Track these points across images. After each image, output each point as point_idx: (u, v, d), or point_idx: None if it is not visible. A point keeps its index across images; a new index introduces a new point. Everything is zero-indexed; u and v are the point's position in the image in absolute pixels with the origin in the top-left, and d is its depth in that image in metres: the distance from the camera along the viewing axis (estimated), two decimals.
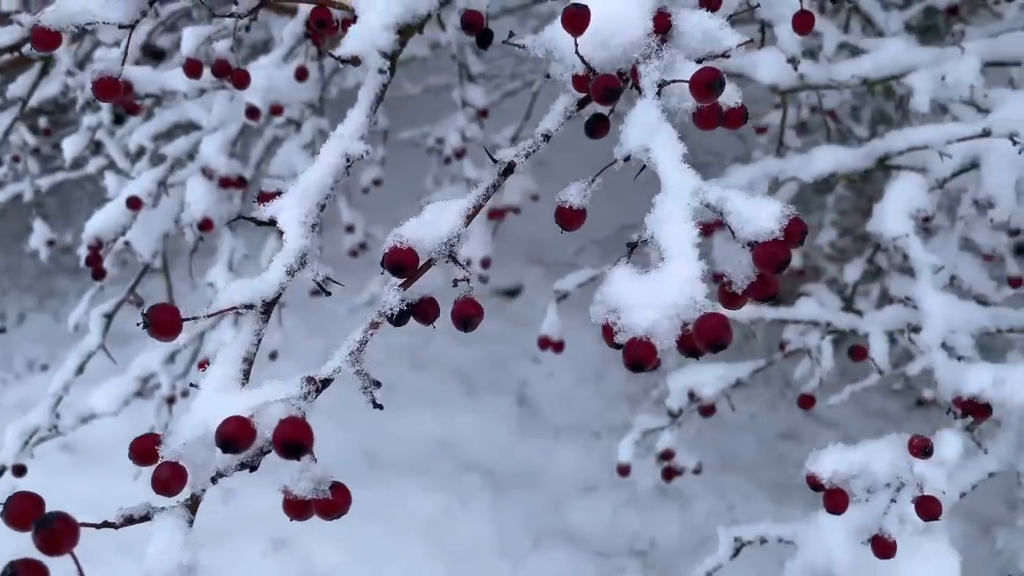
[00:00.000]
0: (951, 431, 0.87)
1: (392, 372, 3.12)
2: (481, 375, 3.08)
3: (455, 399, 3.01)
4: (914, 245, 1.04)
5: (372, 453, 2.86)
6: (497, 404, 2.99)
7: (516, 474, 2.78)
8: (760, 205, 0.56)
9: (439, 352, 3.11)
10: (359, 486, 2.82)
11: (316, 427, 2.53)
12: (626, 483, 2.91)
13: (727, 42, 0.68)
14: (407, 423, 2.93)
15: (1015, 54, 1.12)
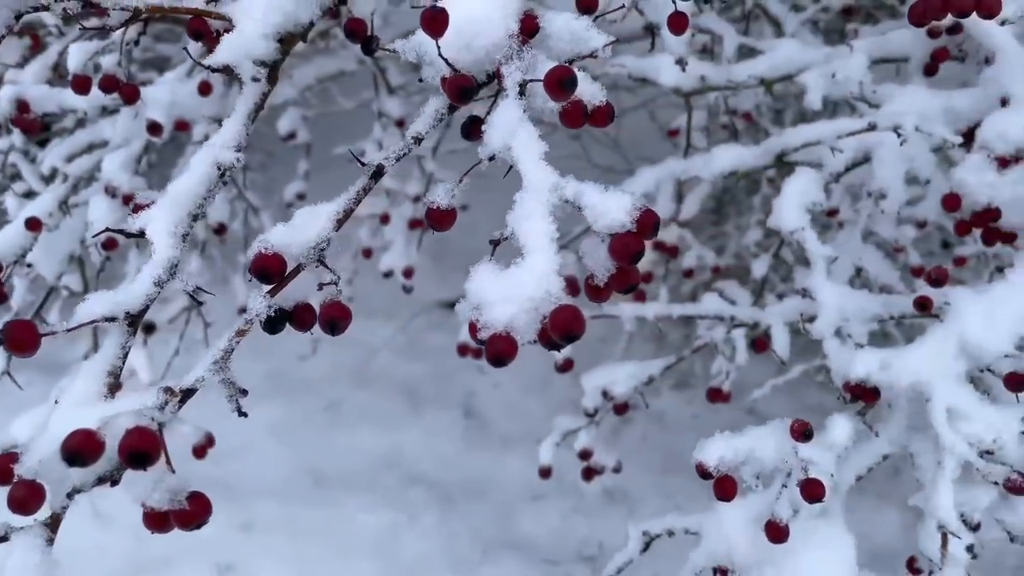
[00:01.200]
0: (841, 415, 0.89)
1: (336, 389, 3.09)
2: (426, 388, 3.06)
3: (400, 414, 2.99)
4: (810, 238, 1.07)
5: (317, 471, 2.83)
6: (443, 417, 2.98)
7: (464, 486, 2.77)
8: (612, 198, 0.58)
9: (384, 367, 3.09)
10: (305, 505, 2.78)
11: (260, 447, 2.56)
12: (574, 489, 2.92)
13: (594, 42, 0.69)
14: (352, 440, 2.91)
15: (901, 51, 1.16)
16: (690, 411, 2.94)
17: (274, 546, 2.65)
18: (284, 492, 2.80)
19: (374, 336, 3.07)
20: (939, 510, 0.83)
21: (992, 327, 0.92)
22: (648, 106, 2.66)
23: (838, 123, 1.09)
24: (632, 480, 2.84)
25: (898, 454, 0.94)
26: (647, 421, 3.05)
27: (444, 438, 2.90)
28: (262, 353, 3.21)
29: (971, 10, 0.72)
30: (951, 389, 0.88)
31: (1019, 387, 0.89)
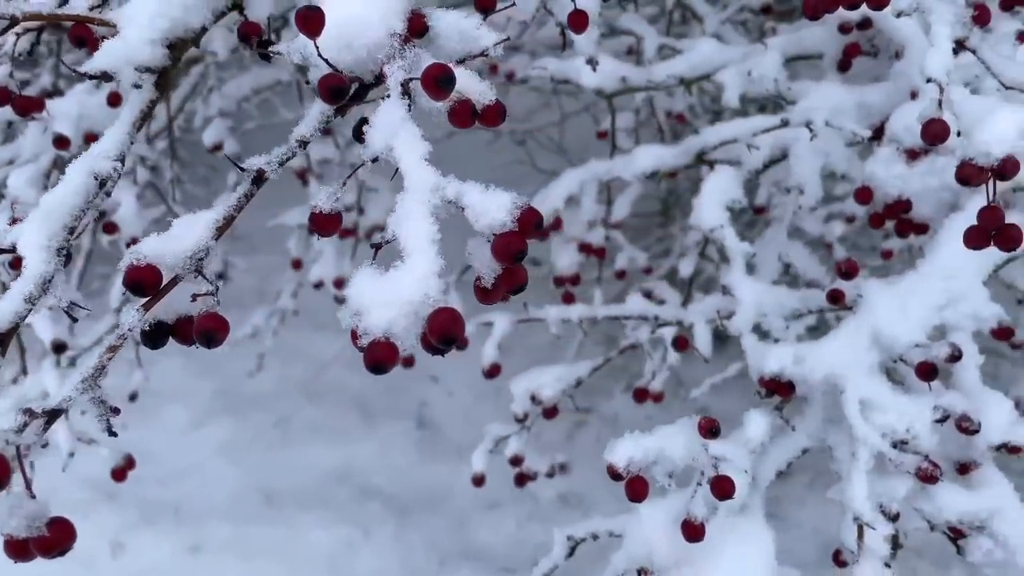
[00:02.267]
0: (757, 411, 0.89)
1: (286, 405, 3.04)
2: (378, 400, 3.03)
3: (352, 427, 2.95)
4: (729, 235, 1.07)
5: (269, 489, 2.77)
6: (396, 428, 2.94)
7: (418, 498, 2.74)
8: (492, 198, 0.57)
9: (334, 381, 3.04)
10: (256, 525, 2.71)
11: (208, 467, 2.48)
12: (529, 496, 2.91)
13: (484, 41, 0.68)
14: (304, 456, 2.86)
15: (815, 48, 1.18)
16: (643, 413, 2.94)
17: (225, 568, 2.59)
18: (234, 512, 2.74)
19: (324, 349, 3.02)
20: (854, 501, 0.83)
21: (903, 318, 0.93)
22: (591, 110, 2.67)
23: (753, 121, 1.10)
24: (586, 484, 2.83)
25: (817, 447, 0.94)
26: (601, 424, 3.05)
27: (397, 450, 2.86)
28: (209, 371, 3.15)
29: (860, 2, 0.72)
30: (864, 381, 0.89)
31: (930, 376, 0.90)
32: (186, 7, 0.77)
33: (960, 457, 0.95)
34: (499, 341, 1.17)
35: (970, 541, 0.91)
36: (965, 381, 0.95)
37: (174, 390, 3.14)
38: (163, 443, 2.96)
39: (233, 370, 3.08)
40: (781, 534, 2.84)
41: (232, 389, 3.07)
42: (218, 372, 3.11)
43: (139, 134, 1.56)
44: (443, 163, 2.17)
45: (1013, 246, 0.75)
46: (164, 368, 3.24)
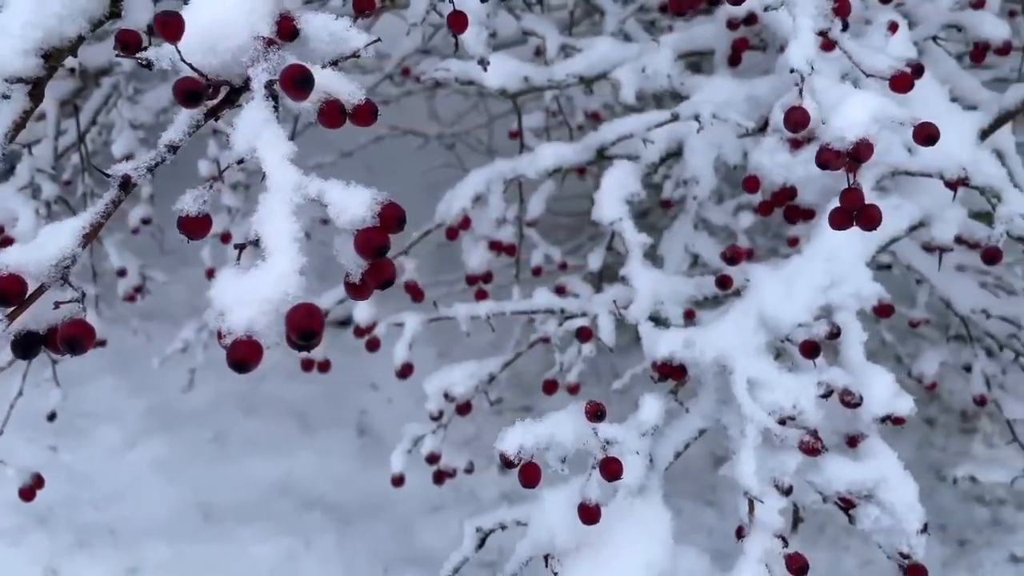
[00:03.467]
0: (651, 395, 0.92)
1: (223, 419, 2.99)
2: (317, 410, 3.00)
3: (292, 438, 2.92)
4: (627, 227, 1.10)
5: (207, 505, 2.73)
6: (336, 437, 2.92)
7: (361, 506, 2.72)
8: (353, 194, 0.58)
9: (271, 392, 3.01)
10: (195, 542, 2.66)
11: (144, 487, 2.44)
12: (471, 497, 2.92)
13: (354, 43, 0.70)
14: (242, 470, 2.82)
15: (706, 44, 1.22)
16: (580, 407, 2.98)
17: None
18: (172, 531, 2.68)
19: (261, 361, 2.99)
20: (743, 477, 0.86)
21: (788, 300, 0.97)
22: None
23: (647, 116, 1.14)
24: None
25: (712, 427, 0.98)
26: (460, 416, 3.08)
27: (338, 459, 2.84)
28: (141, 389, 3.08)
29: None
30: (751, 361, 0.92)
31: (813, 354, 0.94)
32: (60, 17, 0.77)
33: (849, 430, 0.99)
34: (410, 341, 1.18)
35: (859, 510, 0.95)
36: (850, 358, 0.99)
37: (105, 410, 3.06)
38: (96, 465, 2.89)
39: (166, 387, 3.02)
40: (721, 521, 2.89)
41: (166, 406, 3.01)
42: (150, 389, 3.05)
43: (47, 148, 1.52)
44: (373, 168, 2.23)
45: (873, 225, 0.79)
46: (94, 389, 3.16)
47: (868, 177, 1.07)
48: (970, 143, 1.07)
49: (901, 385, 0.98)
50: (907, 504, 0.93)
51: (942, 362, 1.80)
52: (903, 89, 0.85)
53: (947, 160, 1.03)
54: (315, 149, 2.62)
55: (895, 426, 0.98)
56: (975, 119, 1.09)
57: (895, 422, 0.98)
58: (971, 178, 1.02)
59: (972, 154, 1.05)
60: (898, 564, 0.95)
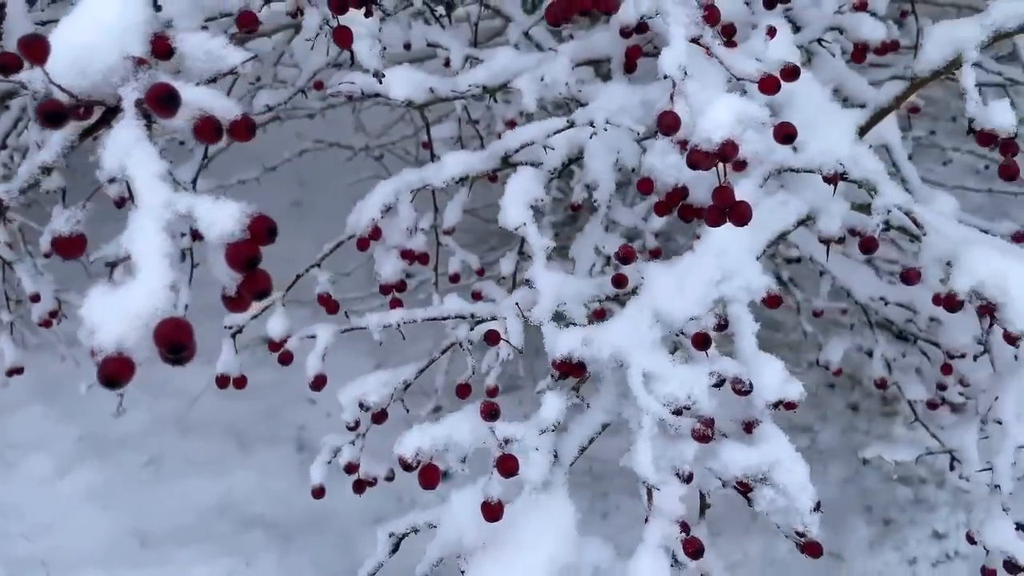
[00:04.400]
0: (552, 392, 0.95)
1: (157, 442, 2.94)
2: (255, 428, 2.97)
3: (229, 457, 2.88)
4: (531, 232, 1.13)
5: (143, 531, 2.67)
6: (275, 454, 2.89)
7: (302, 522, 2.70)
8: (222, 208, 0.59)
9: (206, 412, 2.96)
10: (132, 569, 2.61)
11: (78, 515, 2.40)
12: (413, 506, 2.92)
13: (231, 60, 0.71)
14: (179, 492, 2.77)
15: (603, 52, 1.26)
16: (521, 411, 3.01)
17: None
18: (108, 559, 2.62)
19: (193, 381, 2.94)
20: (639, 467, 0.89)
21: (681, 295, 1.01)
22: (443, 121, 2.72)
23: (547, 123, 1.17)
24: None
25: (615, 421, 1.01)
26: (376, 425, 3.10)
27: (278, 476, 2.81)
28: (71, 416, 3.01)
29: (590, 7, 0.79)
30: (646, 355, 0.96)
31: (705, 345, 0.98)
32: None
33: (745, 417, 1.04)
34: (322, 353, 1.19)
35: (756, 492, 0.99)
36: (743, 348, 1.04)
37: (35, 439, 2.98)
38: (27, 495, 2.81)
39: (97, 412, 2.95)
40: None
41: (97, 432, 2.94)
42: (81, 416, 2.97)
43: None
44: (304, 181, 2.24)
45: (744, 221, 0.84)
46: (21, 418, 3.07)
47: (755, 175, 1.12)
48: (849, 139, 1.13)
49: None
50: (799, 484, 0.97)
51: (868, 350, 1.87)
52: (771, 91, 0.89)
53: (827, 156, 1.09)
54: (238, 165, 2.60)
55: (787, 411, 1.03)
56: (854, 116, 1.15)
57: (787, 407, 1.03)
58: (849, 173, 1.08)
59: (851, 150, 1.11)
60: (795, 542, 0.99)
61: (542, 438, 0.90)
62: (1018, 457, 1.21)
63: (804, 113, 1.17)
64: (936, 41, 1.06)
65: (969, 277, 0.96)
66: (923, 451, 1.58)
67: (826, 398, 2.84)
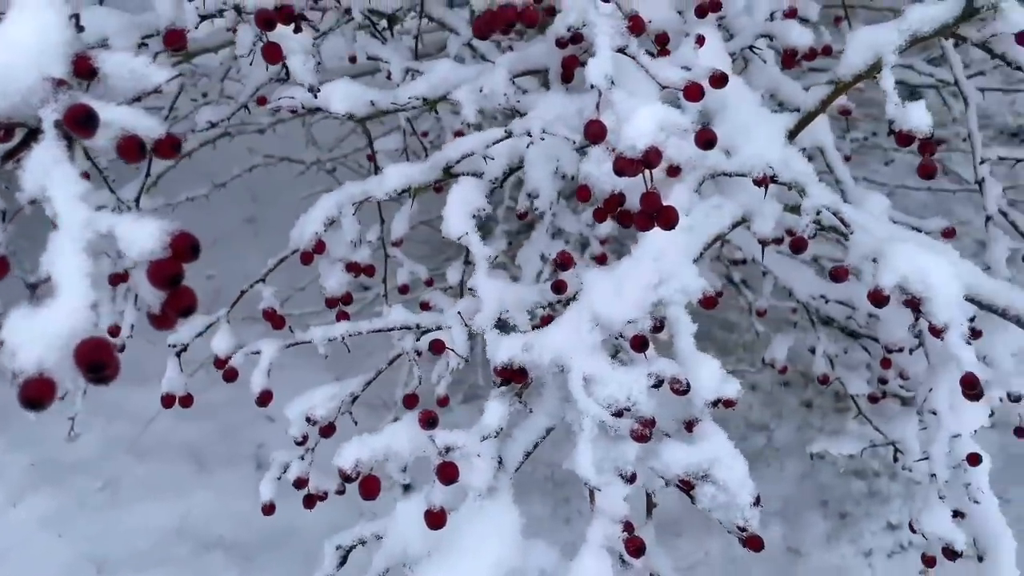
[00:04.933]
0: (494, 399, 0.96)
1: (112, 466, 2.88)
2: (213, 448, 2.93)
3: (187, 479, 2.84)
4: (474, 241, 1.14)
5: (100, 558, 2.62)
6: (234, 474, 2.86)
7: (263, 541, 2.67)
8: (142, 227, 0.59)
9: (163, 434, 2.92)
10: None
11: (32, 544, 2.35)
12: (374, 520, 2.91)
13: (155, 78, 0.71)
14: (136, 516, 2.72)
15: (540, 63, 1.28)
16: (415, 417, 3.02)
17: None
18: None
19: (148, 403, 2.89)
20: (580, 468, 0.91)
21: (620, 299, 1.03)
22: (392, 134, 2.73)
23: (486, 134, 1.18)
24: None
25: (559, 425, 1.02)
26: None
27: (237, 495, 2.78)
28: (22, 442, 2.94)
29: (515, 20, 0.81)
30: (586, 359, 0.98)
31: (643, 347, 1.00)
32: None
33: (686, 416, 1.06)
34: (267, 368, 1.18)
35: (698, 490, 1.01)
36: (681, 349, 1.06)
37: None
38: None
39: (49, 438, 2.89)
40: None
41: (50, 458, 2.88)
42: (32, 442, 2.91)
43: None
44: (258, 196, 2.22)
45: (671, 225, 0.86)
46: None
47: (690, 180, 1.15)
48: (779, 143, 1.16)
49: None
50: (739, 480, 1.00)
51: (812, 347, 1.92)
52: (695, 99, 0.92)
53: (757, 160, 1.12)
54: (189, 182, 2.57)
55: (727, 408, 1.06)
56: (783, 120, 1.19)
57: (726, 405, 1.05)
58: (779, 175, 1.11)
59: (781, 153, 1.15)
60: (737, 537, 1.02)
61: (484, 444, 0.91)
62: (953, 446, 1.26)
63: (736, 118, 1.20)
64: (857, 46, 1.10)
65: (893, 273, 1.00)
66: (867, 444, 1.63)
67: (780, 396, 2.89)
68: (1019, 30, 1.01)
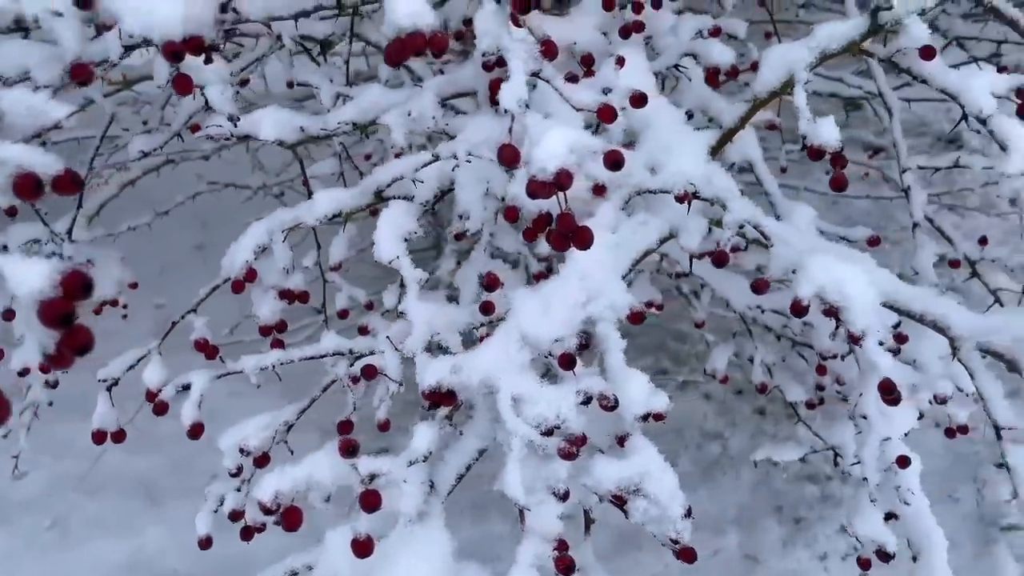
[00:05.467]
0: (423, 423, 0.96)
1: (61, 503, 2.81)
2: (164, 481, 2.87)
3: (139, 514, 2.78)
4: (404, 264, 1.14)
5: None
6: (187, 507, 2.78)
7: (217, 573, 2.62)
8: (31, 266, 0.59)
9: (113, 468, 2.85)
10: None
11: None
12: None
13: (55, 114, 0.71)
14: (87, 554, 2.65)
15: (468, 85, 1.29)
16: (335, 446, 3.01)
17: None
18: None
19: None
20: (508, 488, 0.91)
21: (548, 317, 1.04)
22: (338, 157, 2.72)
23: (414, 158, 1.19)
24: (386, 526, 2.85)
25: (491, 446, 1.03)
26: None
27: (191, 528, 2.71)
28: None
29: (424, 48, 0.82)
30: (515, 379, 0.98)
31: (570, 365, 1.01)
32: None
33: (617, 431, 1.07)
34: (198, 400, 1.17)
35: (631, 504, 1.02)
36: (611, 365, 1.07)
37: None
38: None
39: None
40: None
41: None
42: None
43: None
44: (208, 223, 2.19)
45: (585, 245, 0.87)
46: None
47: (615, 198, 1.17)
48: (702, 160, 1.19)
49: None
50: (670, 493, 1.01)
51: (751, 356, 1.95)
52: (609, 120, 0.94)
53: (680, 177, 1.14)
54: (134, 211, 2.53)
55: (656, 422, 1.07)
56: (705, 137, 1.21)
57: (656, 419, 1.06)
58: (701, 191, 1.13)
59: (704, 169, 1.17)
60: (671, 549, 1.03)
61: (413, 469, 0.91)
62: (884, 449, 1.28)
63: (660, 137, 1.23)
64: (771, 64, 1.13)
65: (811, 284, 1.02)
66: (809, 450, 1.65)
67: (734, 404, 2.93)
68: (922, 45, 1.05)
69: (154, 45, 0.85)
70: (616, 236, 1.17)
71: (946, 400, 1.33)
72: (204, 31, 0.84)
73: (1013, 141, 0.94)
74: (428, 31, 0.80)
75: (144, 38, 0.83)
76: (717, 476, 2.73)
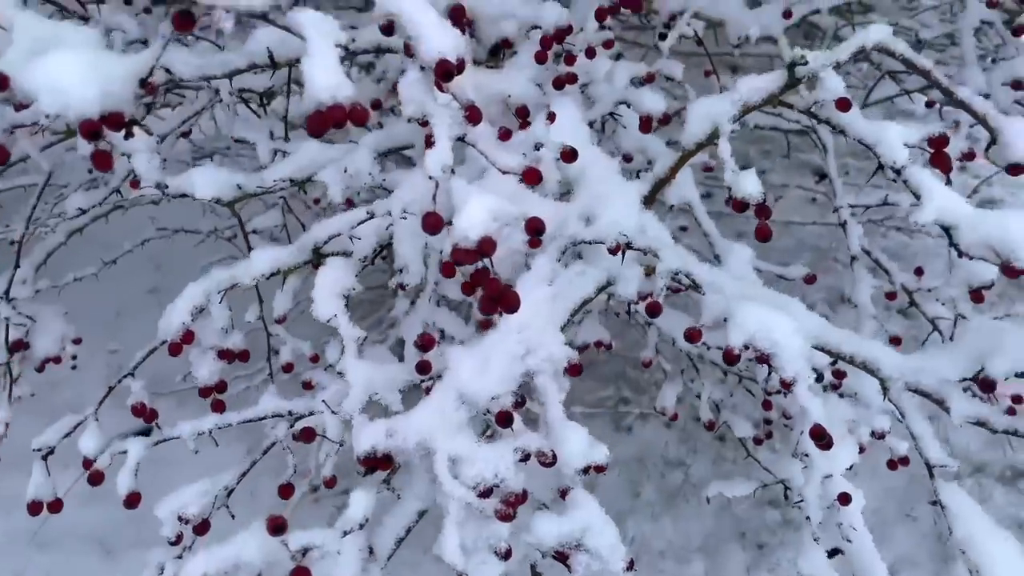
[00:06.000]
0: (359, 490, 0.96)
1: (12, 561, 2.73)
2: (121, 533, 2.81)
3: (94, 569, 2.71)
4: (342, 322, 1.14)
5: None
6: (142, 559, 2.73)
7: None
8: None
9: (67, 522, 2.77)
10: None
11: None
12: None
13: None
14: None
15: (405, 140, 1.30)
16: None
17: None
18: None
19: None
20: (446, 552, 0.91)
21: (486, 374, 1.04)
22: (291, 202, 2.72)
23: (350, 214, 1.20)
24: None
25: (431, 507, 1.02)
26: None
27: None
28: None
29: (344, 120, 0.82)
30: (452, 439, 0.98)
31: (508, 423, 1.02)
32: None
33: (559, 485, 1.07)
34: (134, 468, 1.15)
35: (572, 559, 1.02)
36: (551, 419, 1.08)
37: None
38: None
39: None
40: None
41: None
42: None
43: None
44: (162, 266, 2.17)
45: (512, 309, 0.88)
46: None
47: (551, 250, 1.18)
48: (635, 209, 1.20)
49: None
50: (610, 546, 1.01)
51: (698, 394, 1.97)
52: (534, 183, 0.95)
53: (613, 228, 1.16)
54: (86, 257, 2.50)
55: (598, 473, 1.08)
56: (638, 187, 1.24)
57: (597, 470, 1.07)
58: (634, 241, 1.15)
59: (637, 219, 1.19)
60: None
61: (348, 539, 0.91)
62: (826, 487, 1.30)
63: (594, 188, 1.25)
64: (696, 116, 1.16)
65: (741, 332, 1.04)
66: (759, 484, 1.67)
67: (694, 432, 2.95)
68: (838, 97, 1.09)
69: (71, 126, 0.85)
70: (553, 287, 1.18)
71: (884, 436, 1.36)
72: (123, 107, 0.83)
73: (925, 192, 0.97)
74: (348, 104, 0.81)
75: (60, 117, 0.82)
76: (680, 504, 2.74)
